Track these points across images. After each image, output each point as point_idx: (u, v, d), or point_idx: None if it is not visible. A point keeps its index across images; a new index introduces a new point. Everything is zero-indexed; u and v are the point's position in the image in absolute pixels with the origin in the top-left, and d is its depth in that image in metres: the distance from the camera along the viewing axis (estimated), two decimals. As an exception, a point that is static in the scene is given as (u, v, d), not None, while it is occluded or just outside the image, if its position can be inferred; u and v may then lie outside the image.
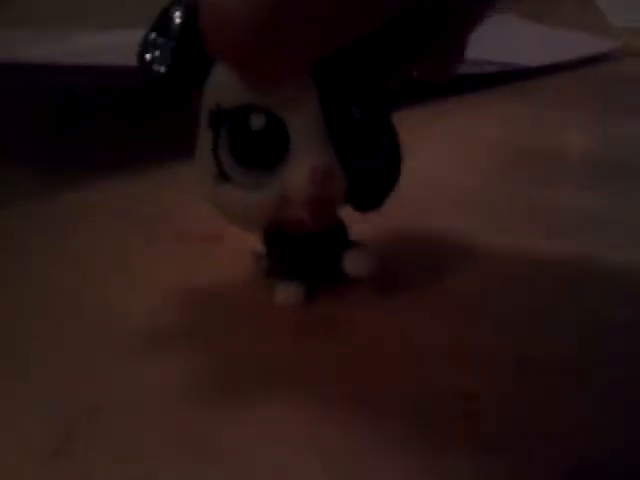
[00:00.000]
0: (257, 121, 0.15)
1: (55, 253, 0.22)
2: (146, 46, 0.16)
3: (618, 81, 0.45)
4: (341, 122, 0.15)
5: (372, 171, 0.16)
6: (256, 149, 0.15)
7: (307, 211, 0.16)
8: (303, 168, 0.15)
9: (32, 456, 0.13)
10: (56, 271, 0.21)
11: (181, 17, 0.15)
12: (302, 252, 0.18)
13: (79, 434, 0.14)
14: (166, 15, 0.16)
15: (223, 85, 0.15)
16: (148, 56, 0.16)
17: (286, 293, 0.18)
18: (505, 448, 0.13)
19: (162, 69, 0.15)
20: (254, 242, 0.19)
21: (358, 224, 0.18)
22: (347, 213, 0.17)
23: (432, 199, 0.25)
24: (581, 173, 0.30)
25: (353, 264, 0.18)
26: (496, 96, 0.40)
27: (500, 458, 0.13)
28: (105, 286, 0.20)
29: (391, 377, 0.15)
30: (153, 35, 0.16)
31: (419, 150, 0.30)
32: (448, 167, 0.29)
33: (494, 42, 0.50)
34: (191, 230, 0.22)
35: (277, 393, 0.15)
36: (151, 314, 0.18)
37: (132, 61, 0.17)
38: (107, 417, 0.14)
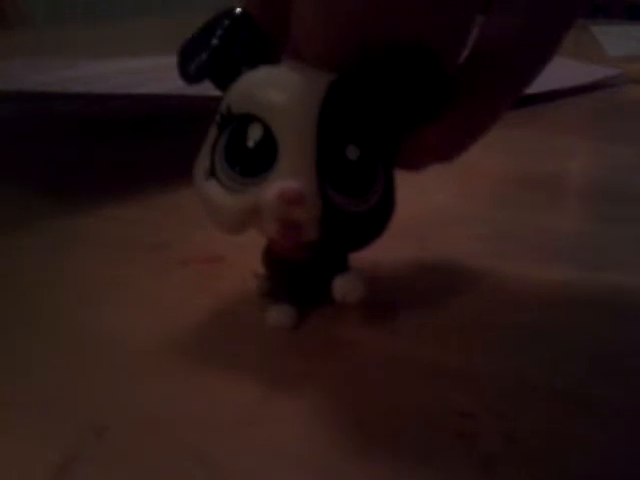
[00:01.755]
0: (254, 130, 0.16)
1: (57, 276, 0.22)
2: (188, 46, 0.18)
3: (618, 108, 0.45)
4: (332, 155, 0.16)
5: (358, 213, 0.16)
6: (245, 154, 0.16)
7: (277, 230, 0.16)
8: (277, 184, 0.15)
9: (36, 475, 0.13)
10: (57, 292, 0.21)
11: (227, 25, 0.17)
12: (296, 276, 0.18)
13: (83, 454, 0.14)
14: (215, 21, 0.17)
15: (239, 93, 0.16)
16: (187, 56, 0.17)
17: (277, 316, 0.18)
18: (503, 469, 0.13)
19: (194, 69, 0.17)
20: (256, 264, 0.19)
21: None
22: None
23: (432, 225, 0.26)
24: (582, 200, 0.30)
25: (341, 290, 0.18)
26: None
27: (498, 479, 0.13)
28: (107, 307, 0.20)
29: (388, 398, 0.15)
30: (197, 37, 0.17)
31: (419, 176, 0.30)
32: (447, 193, 0.29)
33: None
34: (193, 254, 0.23)
35: (277, 413, 0.15)
36: (152, 335, 0.18)
37: (137, 89, 0.17)
38: (112, 437, 0.14)
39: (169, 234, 0.25)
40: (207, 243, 0.23)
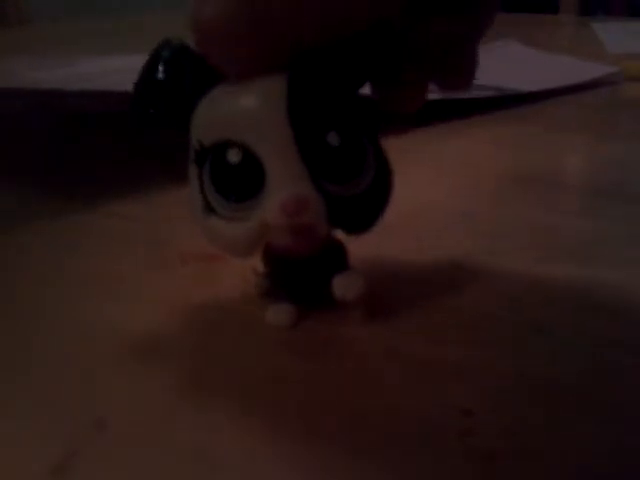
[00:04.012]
0: (233, 155, 0.16)
1: (57, 271, 0.22)
2: (137, 89, 0.17)
3: (616, 106, 0.46)
4: (315, 150, 0.16)
5: (353, 196, 0.16)
6: (234, 182, 0.16)
7: (290, 238, 0.16)
8: (276, 200, 0.15)
9: (34, 472, 0.13)
10: (57, 288, 0.21)
11: (169, 58, 0.17)
12: (296, 275, 0.18)
13: (82, 450, 0.14)
14: (157, 55, 0.17)
15: (203, 123, 0.16)
16: (139, 99, 0.17)
17: (277, 314, 0.18)
18: (503, 465, 0.13)
19: (151, 111, 0.17)
20: (256, 262, 0.19)
21: (354, 248, 0.19)
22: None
23: (428, 222, 0.26)
24: (580, 197, 0.30)
25: (341, 288, 0.18)
26: (493, 120, 0.40)
27: (498, 475, 0.13)
28: (107, 303, 0.20)
29: (387, 395, 0.16)
30: (143, 78, 0.17)
31: (416, 173, 0.31)
32: (445, 191, 0.29)
33: (492, 67, 0.51)
34: (193, 250, 0.23)
35: (275, 410, 0.15)
36: (152, 331, 0.18)
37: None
38: (110, 432, 0.14)
39: (169, 231, 0.25)
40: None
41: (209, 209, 0.16)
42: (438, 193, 0.29)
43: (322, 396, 0.16)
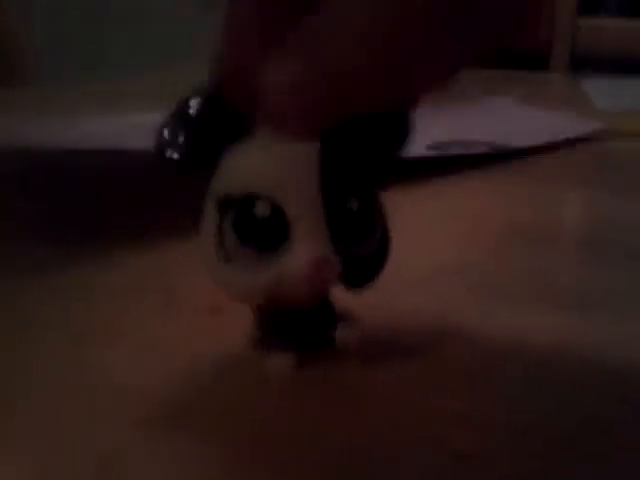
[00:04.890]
0: (262, 209, 0.16)
1: (59, 323, 0.23)
2: (163, 132, 0.18)
3: (604, 162, 0.47)
4: (338, 214, 0.17)
5: (364, 256, 0.18)
6: (259, 234, 0.17)
7: (304, 292, 0.17)
8: (301, 257, 0.16)
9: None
10: (58, 340, 0.21)
11: (200, 107, 0.17)
12: (294, 324, 0.19)
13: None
14: (185, 104, 0.18)
15: (234, 174, 0.17)
16: (165, 142, 0.18)
17: (278, 363, 0.19)
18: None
19: (176, 155, 0.18)
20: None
21: (354, 299, 0.19)
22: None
23: (428, 273, 0.26)
24: (575, 249, 0.31)
25: (344, 337, 0.19)
26: (488, 175, 0.41)
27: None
28: (108, 350, 0.20)
29: (386, 443, 0.16)
30: (171, 121, 0.18)
31: (412, 228, 0.31)
32: (442, 244, 0.30)
33: (485, 123, 0.52)
34: (202, 302, 0.23)
35: (271, 454, 0.15)
36: (156, 382, 0.19)
37: (139, 144, 0.18)
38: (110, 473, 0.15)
39: (179, 280, 0.25)
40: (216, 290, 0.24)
41: (225, 257, 0.17)
42: (436, 246, 0.29)
43: (317, 442, 0.16)
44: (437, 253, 0.29)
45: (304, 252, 0.16)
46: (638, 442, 0.16)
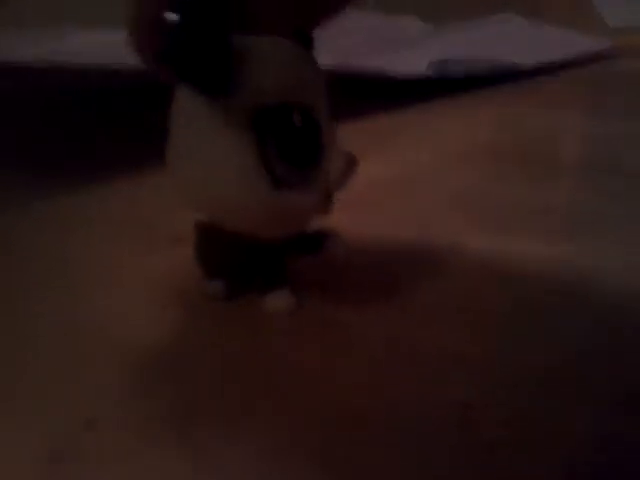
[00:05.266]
0: (298, 119, 0.15)
1: (53, 256, 0.22)
2: (171, 35, 0.14)
3: (613, 79, 0.45)
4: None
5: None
6: (303, 148, 0.15)
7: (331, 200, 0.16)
8: (339, 158, 0.16)
9: (27, 467, 0.13)
10: (53, 275, 0.21)
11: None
12: (232, 255, 0.18)
13: (74, 445, 0.14)
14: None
15: (269, 83, 0.15)
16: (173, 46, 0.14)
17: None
18: (503, 456, 0.13)
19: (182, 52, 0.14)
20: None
21: (353, 230, 0.18)
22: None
23: (426, 201, 0.25)
24: (576, 174, 0.30)
25: (272, 304, 0.18)
26: (489, 98, 0.40)
27: (498, 465, 0.13)
28: (102, 291, 0.20)
29: (388, 387, 0.15)
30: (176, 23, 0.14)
31: (413, 154, 0.30)
32: (443, 170, 0.29)
33: (488, 40, 0.51)
34: (184, 233, 0.23)
35: (274, 406, 0.15)
36: (148, 322, 0.18)
37: (128, 61, 0.16)
38: (102, 430, 0.14)
39: (160, 213, 0.25)
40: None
41: (277, 182, 0.15)
42: (436, 172, 0.29)
43: (321, 388, 0.15)
44: (437, 181, 0.28)
45: (337, 152, 0.16)
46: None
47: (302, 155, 0.15)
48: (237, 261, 0.18)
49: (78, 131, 0.35)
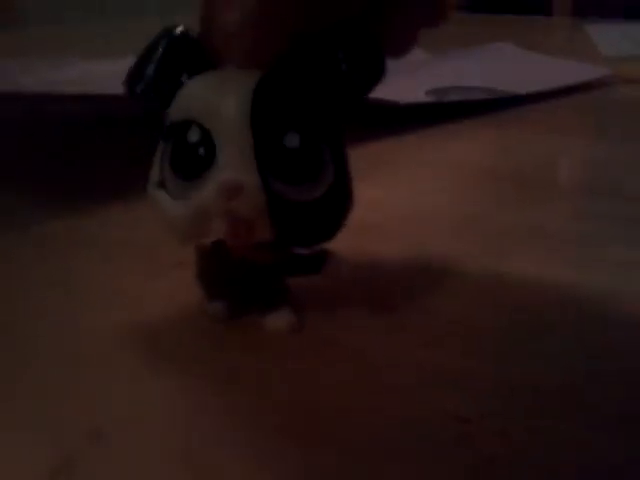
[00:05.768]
0: (193, 134, 0.16)
1: (54, 279, 0.22)
2: (134, 68, 0.18)
3: (612, 106, 0.46)
4: (269, 146, 0.16)
5: (302, 203, 0.16)
6: (187, 160, 0.16)
7: (223, 227, 0.16)
8: (215, 181, 0.15)
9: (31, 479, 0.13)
10: (54, 296, 0.21)
11: (168, 44, 0.18)
12: (232, 275, 0.18)
13: (80, 456, 0.14)
14: (156, 41, 0.18)
15: (177, 101, 0.17)
16: (133, 77, 0.18)
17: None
18: (503, 471, 0.13)
19: (141, 89, 0.18)
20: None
21: (353, 254, 0.19)
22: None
23: (428, 225, 0.25)
24: (576, 199, 0.30)
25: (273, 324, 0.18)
26: (488, 123, 0.40)
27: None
28: (104, 310, 0.20)
29: (386, 403, 0.15)
30: (140, 58, 0.18)
31: (412, 178, 0.30)
32: (442, 194, 0.29)
33: (486, 68, 0.51)
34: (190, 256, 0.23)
35: (275, 415, 0.15)
36: (150, 336, 0.18)
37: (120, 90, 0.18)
38: (108, 438, 0.14)
39: (161, 235, 0.25)
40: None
41: (160, 184, 0.17)
42: (435, 196, 0.29)
43: (318, 399, 0.15)
44: (434, 203, 0.28)
45: (218, 176, 0.15)
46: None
47: (184, 166, 0.16)
48: (238, 282, 0.18)
49: (79, 156, 0.36)
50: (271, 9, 0.16)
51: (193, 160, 0.16)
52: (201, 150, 0.16)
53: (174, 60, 0.17)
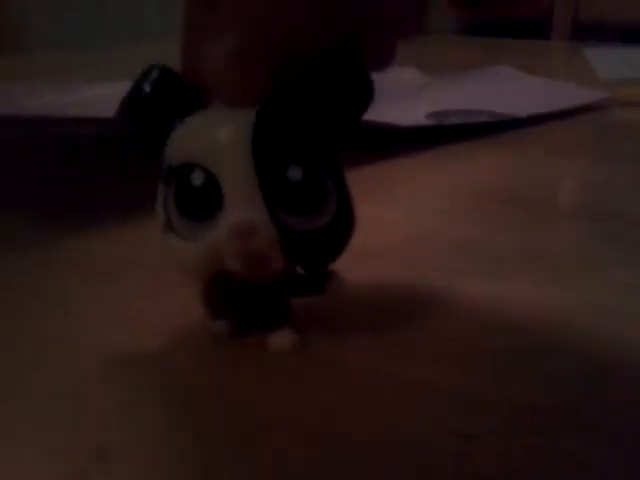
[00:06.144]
0: (196, 178, 0.16)
1: (54, 301, 0.22)
2: (125, 104, 0.18)
3: (611, 129, 0.46)
4: (274, 181, 0.16)
5: (312, 231, 0.17)
6: (194, 202, 0.17)
7: (239, 264, 0.16)
8: (227, 222, 0.16)
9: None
10: (55, 318, 0.21)
11: (154, 80, 0.18)
12: (239, 300, 0.18)
13: (82, 476, 0.14)
14: (141, 79, 0.18)
15: (175, 145, 0.17)
16: (125, 113, 0.18)
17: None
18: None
19: (135, 126, 0.18)
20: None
21: (351, 275, 0.19)
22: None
23: (427, 247, 0.26)
24: (576, 221, 0.30)
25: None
26: (488, 145, 0.40)
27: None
28: (106, 330, 0.20)
29: (386, 420, 0.15)
30: (130, 97, 0.18)
31: (411, 200, 0.31)
32: (442, 216, 0.29)
33: (486, 92, 0.52)
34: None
35: (275, 438, 0.15)
36: (155, 357, 0.18)
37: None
38: (112, 460, 0.14)
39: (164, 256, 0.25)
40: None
41: (169, 227, 0.17)
42: (435, 218, 0.29)
43: (320, 417, 0.15)
44: (432, 225, 0.28)
45: (229, 218, 0.16)
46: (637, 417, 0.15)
47: (191, 209, 0.17)
48: (241, 302, 0.19)
49: (80, 177, 0.36)
50: (254, 43, 0.16)
51: (199, 203, 0.17)
52: (206, 192, 0.16)
53: (160, 103, 0.18)
